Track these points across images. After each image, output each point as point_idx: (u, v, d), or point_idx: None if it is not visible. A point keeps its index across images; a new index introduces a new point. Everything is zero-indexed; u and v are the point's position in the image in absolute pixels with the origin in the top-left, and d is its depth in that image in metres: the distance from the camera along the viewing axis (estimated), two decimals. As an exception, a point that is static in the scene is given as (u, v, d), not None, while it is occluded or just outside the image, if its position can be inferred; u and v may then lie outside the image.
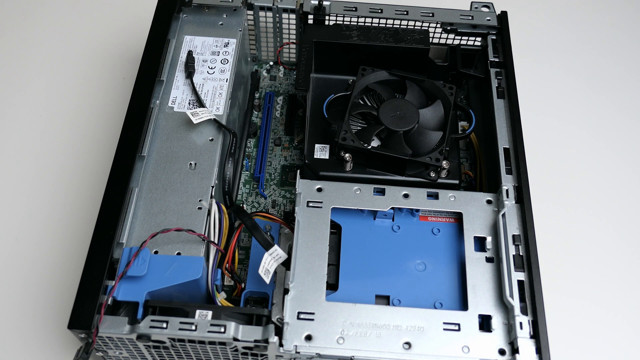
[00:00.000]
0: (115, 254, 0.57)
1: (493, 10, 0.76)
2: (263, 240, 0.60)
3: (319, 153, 0.67)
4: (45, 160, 0.79)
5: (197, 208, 0.60)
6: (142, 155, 0.63)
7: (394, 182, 0.64)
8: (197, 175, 0.63)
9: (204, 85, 0.69)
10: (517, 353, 0.53)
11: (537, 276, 0.56)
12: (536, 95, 0.86)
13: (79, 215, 0.74)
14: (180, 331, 0.52)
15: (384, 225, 0.63)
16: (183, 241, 0.58)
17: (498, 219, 0.60)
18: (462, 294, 0.58)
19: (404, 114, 0.66)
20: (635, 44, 0.95)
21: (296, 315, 0.55)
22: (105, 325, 0.53)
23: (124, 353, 0.57)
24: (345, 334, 0.54)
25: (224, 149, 0.66)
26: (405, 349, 0.53)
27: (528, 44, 0.92)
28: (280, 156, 0.77)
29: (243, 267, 0.67)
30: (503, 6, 0.77)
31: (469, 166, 0.75)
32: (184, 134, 0.65)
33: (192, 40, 0.73)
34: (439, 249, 0.61)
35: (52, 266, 0.70)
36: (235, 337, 0.52)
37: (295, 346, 0.53)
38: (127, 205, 0.60)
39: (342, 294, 0.59)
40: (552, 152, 0.82)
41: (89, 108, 0.84)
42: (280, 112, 0.81)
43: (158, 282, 0.55)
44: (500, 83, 0.71)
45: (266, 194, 0.73)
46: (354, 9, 0.75)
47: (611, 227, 0.76)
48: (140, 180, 0.62)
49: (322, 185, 0.62)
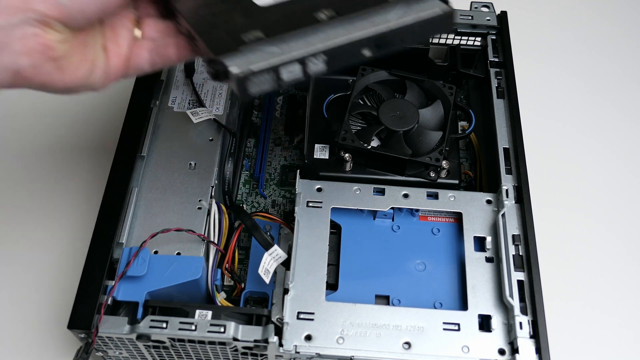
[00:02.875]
0: (115, 254, 0.57)
1: (493, 10, 0.76)
2: (263, 240, 0.60)
3: (319, 153, 0.67)
4: (45, 160, 0.79)
5: (197, 208, 0.60)
6: (142, 155, 0.63)
7: (393, 182, 0.64)
8: (197, 175, 0.63)
9: (204, 85, 0.69)
10: (517, 353, 0.53)
11: (537, 276, 0.56)
12: (536, 95, 0.86)
13: (79, 215, 0.74)
14: (180, 331, 0.52)
15: (384, 225, 0.63)
16: (183, 241, 0.58)
17: (498, 219, 0.60)
18: (462, 294, 0.58)
19: (404, 114, 0.66)
20: (635, 44, 0.95)
21: (296, 315, 0.55)
22: (105, 325, 0.53)
23: (124, 353, 0.57)
24: (345, 334, 0.54)
25: (224, 149, 0.66)
26: (405, 349, 0.53)
27: (528, 44, 0.92)
28: (280, 156, 0.77)
29: (243, 267, 0.67)
30: (503, 6, 0.77)
31: (468, 166, 0.75)
32: (184, 134, 0.65)
33: (192, 40, 0.73)
34: (439, 249, 0.61)
35: (52, 266, 0.70)
36: (235, 337, 0.52)
37: (295, 346, 0.53)
38: (127, 205, 0.60)
39: (342, 294, 0.59)
40: (551, 152, 0.82)
41: (89, 108, 0.84)
42: (280, 112, 0.81)
43: (158, 282, 0.55)
44: (500, 83, 0.71)
45: (266, 194, 0.73)
46: (353, 9, 0.75)
47: (611, 227, 0.76)
48: (140, 180, 0.62)
49: (322, 185, 0.62)
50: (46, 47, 0.41)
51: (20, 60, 0.41)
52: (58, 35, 0.42)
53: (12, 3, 0.39)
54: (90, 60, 0.45)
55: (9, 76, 0.41)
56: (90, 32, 0.45)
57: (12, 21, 0.39)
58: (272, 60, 0.42)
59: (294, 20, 0.45)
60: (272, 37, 0.43)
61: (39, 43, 0.41)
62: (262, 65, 0.41)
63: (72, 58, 0.43)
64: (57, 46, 0.42)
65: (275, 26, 0.44)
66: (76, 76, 0.44)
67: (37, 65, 0.41)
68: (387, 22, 0.45)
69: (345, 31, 0.44)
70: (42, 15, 0.40)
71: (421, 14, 0.46)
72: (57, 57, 0.42)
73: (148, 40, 0.48)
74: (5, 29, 0.39)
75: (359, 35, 0.44)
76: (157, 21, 0.50)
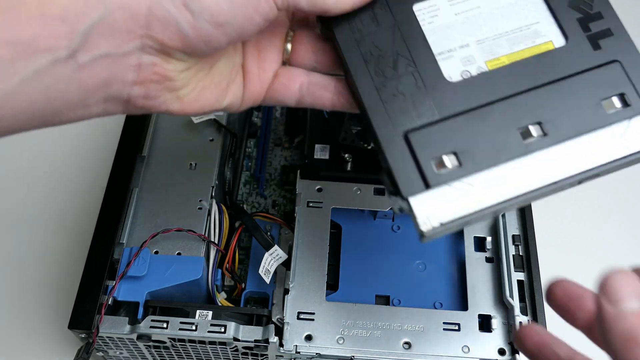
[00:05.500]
0: (116, 254, 0.57)
1: (493, 10, 0.76)
2: (263, 240, 0.60)
3: (319, 153, 0.67)
4: (46, 160, 0.79)
5: (197, 208, 0.60)
6: (143, 155, 0.63)
7: (394, 182, 0.64)
8: (197, 176, 0.63)
9: (204, 86, 0.69)
10: (517, 353, 0.53)
11: (537, 276, 0.57)
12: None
13: (79, 215, 0.74)
14: (180, 331, 0.52)
15: (384, 225, 0.63)
16: (183, 241, 0.58)
17: (498, 219, 0.60)
18: (462, 294, 0.58)
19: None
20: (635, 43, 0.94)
21: (296, 315, 0.55)
22: (105, 325, 0.53)
23: (125, 353, 0.57)
24: (345, 334, 0.54)
25: (224, 149, 0.66)
26: (405, 349, 0.53)
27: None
28: (280, 156, 0.77)
29: (243, 267, 0.67)
30: (503, 6, 0.77)
31: (469, 166, 0.74)
32: (184, 134, 0.65)
33: (192, 40, 0.73)
34: (439, 249, 0.62)
35: (52, 266, 0.70)
36: (236, 337, 0.52)
37: (295, 346, 0.53)
38: (127, 205, 0.60)
39: (342, 294, 0.59)
40: (552, 152, 0.82)
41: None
42: (280, 112, 0.81)
43: (158, 282, 0.55)
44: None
45: (266, 194, 0.73)
46: (354, 9, 0.75)
47: (612, 227, 0.76)
48: (140, 180, 0.62)
49: (322, 185, 0.62)
50: (164, 77, 0.36)
51: (132, 91, 0.36)
52: (180, 64, 0.36)
53: (127, 27, 0.33)
54: (220, 86, 0.39)
55: (120, 106, 0.37)
56: (224, 52, 0.39)
57: (127, 48, 0.34)
58: (467, 210, 0.37)
59: (491, 130, 0.39)
60: (465, 158, 0.38)
61: (155, 72, 0.35)
62: (454, 217, 0.37)
63: (195, 85, 0.38)
64: (177, 76, 0.36)
65: (470, 135, 0.39)
66: (198, 105, 0.39)
67: (152, 96, 0.36)
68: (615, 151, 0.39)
69: (558, 165, 0.39)
70: (162, 45, 0.35)
71: None
72: (177, 88, 0.37)
73: (301, 72, 0.41)
74: (117, 57, 0.34)
75: (576, 171, 0.39)
76: (316, 42, 0.42)
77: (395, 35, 0.42)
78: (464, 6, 0.44)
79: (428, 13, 0.43)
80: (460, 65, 0.42)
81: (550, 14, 0.44)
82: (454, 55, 0.42)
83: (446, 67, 0.42)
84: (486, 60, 0.42)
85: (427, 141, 0.39)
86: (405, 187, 0.38)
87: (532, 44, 0.43)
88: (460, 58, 0.42)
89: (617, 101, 0.41)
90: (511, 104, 0.40)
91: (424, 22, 0.43)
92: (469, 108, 0.40)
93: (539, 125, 0.40)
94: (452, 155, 0.39)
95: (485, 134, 0.39)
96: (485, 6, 0.44)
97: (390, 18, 0.42)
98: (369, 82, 0.40)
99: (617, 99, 0.41)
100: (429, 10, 0.43)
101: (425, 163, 0.38)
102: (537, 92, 0.41)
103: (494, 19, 0.43)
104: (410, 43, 0.42)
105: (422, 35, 0.42)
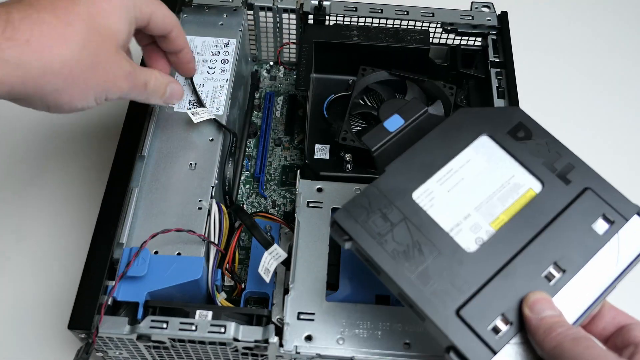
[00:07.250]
0: (116, 254, 0.57)
1: (493, 10, 0.76)
2: (263, 240, 0.60)
3: (319, 153, 0.67)
4: (45, 160, 0.79)
5: (197, 208, 0.60)
6: (142, 155, 0.63)
7: (394, 182, 0.64)
8: (197, 176, 0.63)
9: (204, 85, 0.69)
10: (517, 353, 0.53)
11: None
12: (536, 96, 0.86)
13: (79, 215, 0.74)
14: (180, 331, 0.52)
15: (384, 225, 0.63)
16: (183, 241, 0.58)
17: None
18: (463, 295, 0.58)
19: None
20: (635, 43, 0.95)
21: (296, 315, 0.55)
22: (105, 326, 0.53)
23: (124, 353, 0.57)
24: (345, 334, 0.54)
25: (224, 149, 0.66)
26: (405, 349, 0.53)
27: (528, 44, 0.91)
28: (280, 156, 0.77)
29: (243, 267, 0.67)
30: (503, 6, 0.77)
31: (469, 166, 0.74)
32: (184, 134, 0.65)
33: (193, 40, 0.73)
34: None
35: (52, 266, 0.70)
36: (236, 338, 0.52)
37: (295, 346, 0.53)
38: (127, 205, 0.60)
39: (342, 294, 0.59)
40: (552, 152, 0.82)
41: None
42: (280, 112, 0.81)
43: (158, 282, 0.55)
44: (501, 83, 0.71)
45: (266, 194, 0.73)
46: (354, 9, 0.75)
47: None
48: (140, 180, 0.62)
49: (322, 185, 0.62)
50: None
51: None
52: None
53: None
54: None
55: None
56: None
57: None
58: (527, 357, 0.43)
59: (522, 283, 0.44)
60: (512, 316, 0.44)
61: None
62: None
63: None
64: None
65: (508, 295, 0.44)
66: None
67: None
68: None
69: (582, 293, 0.45)
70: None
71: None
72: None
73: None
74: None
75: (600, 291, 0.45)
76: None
77: (410, 227, 0.47)
78: (451, 182, 0.50)
79: (426, 197, 0.49)
80: (472, 234, 0.47)
81: (519, 165, 0.50)
82: (462, 227, 0.48)
83: (461, 240, 0.47)
84: (489, 222, 0.48)
85: (477, 313, 0.44)
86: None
87: (518, 195, 0.49)
88: (468, 228, 0.48)
89: (602, 222, 0.47)
90: (526, 256, 0.46)
91: (426, 206, 0.48)
92: (497, 270, 0.45)
93: (556, 265, 0.45)
94: (501, 317, 0.44)
95: (519, 289, 0.44)
96: (467, 176, 0.50)
97: (398, 213, 0.48)
98: (407, 277, 0.45)
99: (602, 220, 0.47)
100: (426, 194, 0.49)
101: (484, 333, 0.43)
102: (541, 238, 0.46)
103: (479, 185, 0.49)
104: (424, 230, 0.47)
105: (430, 219, 0.48)
